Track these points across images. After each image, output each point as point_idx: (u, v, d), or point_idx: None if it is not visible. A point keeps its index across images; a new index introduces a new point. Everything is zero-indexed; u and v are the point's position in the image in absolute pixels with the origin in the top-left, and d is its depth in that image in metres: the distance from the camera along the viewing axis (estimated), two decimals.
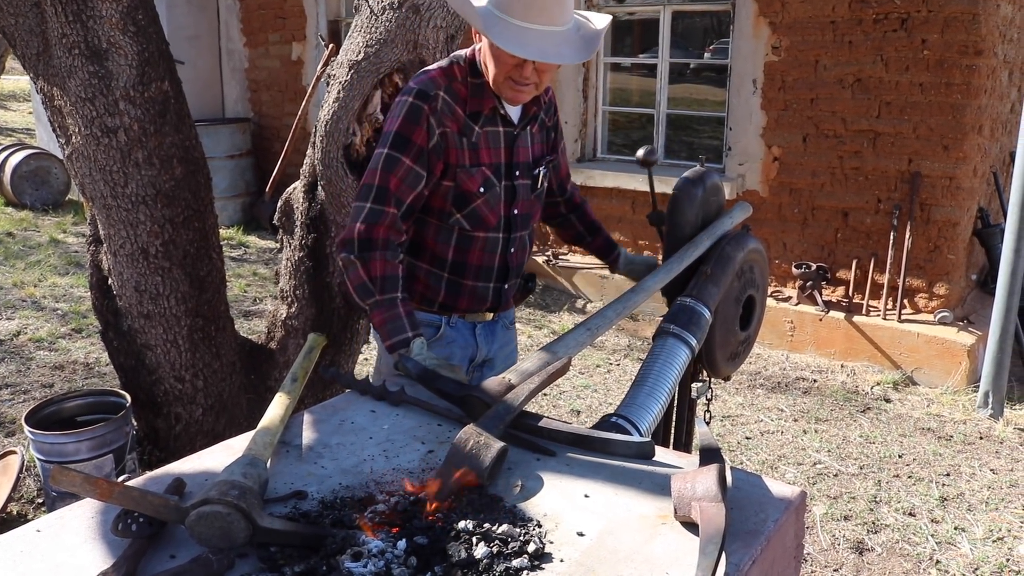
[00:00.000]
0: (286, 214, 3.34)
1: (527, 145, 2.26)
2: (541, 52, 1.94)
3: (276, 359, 3.45)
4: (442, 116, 2.08)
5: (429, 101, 2.06)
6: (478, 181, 2.16)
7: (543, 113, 2.32)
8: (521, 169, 2.25)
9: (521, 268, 2.38)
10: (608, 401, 4.84)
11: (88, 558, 1.27)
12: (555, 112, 2.40)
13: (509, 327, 2.48)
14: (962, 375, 5.03)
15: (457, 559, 1.23)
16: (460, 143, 2.12)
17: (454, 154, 2.12)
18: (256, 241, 8.29)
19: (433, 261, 2.24)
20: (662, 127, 6.49)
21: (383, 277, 2.02)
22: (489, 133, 2.17)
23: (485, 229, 2.22)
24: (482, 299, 2.30)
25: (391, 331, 2.00)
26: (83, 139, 2.91)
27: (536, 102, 2.25)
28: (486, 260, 2.26)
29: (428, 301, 2.27)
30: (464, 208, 2.18)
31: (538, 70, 2.02)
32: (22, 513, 3.46)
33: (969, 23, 4.92)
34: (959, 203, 5.20)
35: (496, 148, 2.18)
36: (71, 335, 5.48)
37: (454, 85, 2.11)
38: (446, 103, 2.08)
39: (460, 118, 2.11)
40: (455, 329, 2.29)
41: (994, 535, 3.53)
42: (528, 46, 1.92)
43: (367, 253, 2.03)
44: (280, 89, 8.95)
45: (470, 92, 2.12)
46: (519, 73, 2.02)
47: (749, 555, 1.27)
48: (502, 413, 1.58)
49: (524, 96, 2.10)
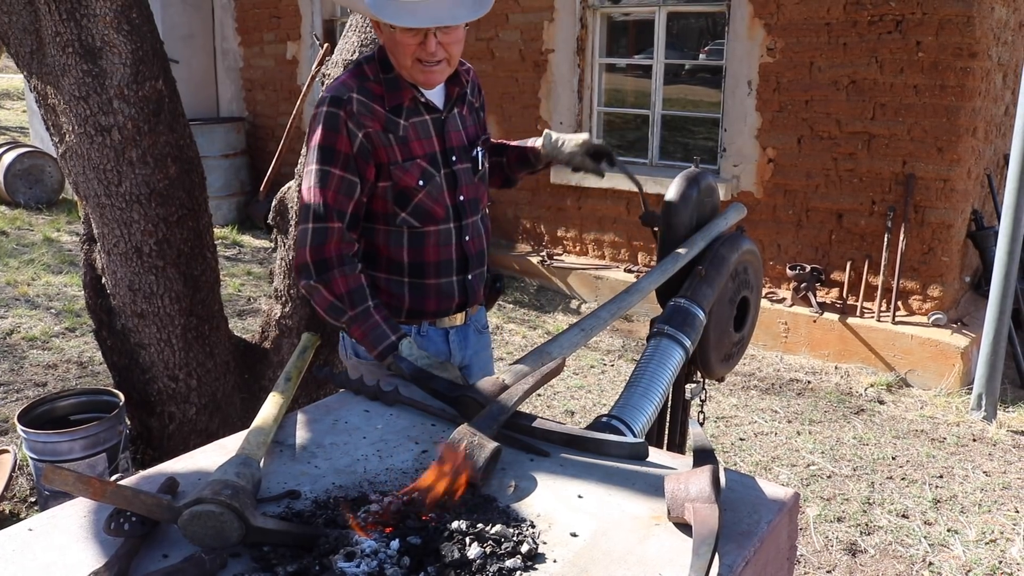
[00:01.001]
0: (280, 213, 3.33)
1: (459, 128, 2.21)
2: (434, 18, 1.91)
3: (270, 358, 3.45)
4: (360, 118, 2.03)
5: (343, 106, 2.02)
6: (415, 175, 2.10)
7: (469, 94, 2.26)
8: (458, 153, 2.19)
9: (483, 256, 2.31)
10: (602, 402, 4.84)
11: (80, 557, 1.27)
12: (480, 92, 2.34)
13: (482, 331, 2.42)
14: (955, 377, 5.04)
15: (450, 559, 1.23)
16: (387, 140, 2.07)
17: (383, 152, 2.07)
18: (250, 240, 8.28)
19: (390, 268, 2.18)
20: (657, 128, 6.50)
21: (349, 292, 2.00)
22: (416, 124, 2.11)
23: (434, 222, 2.16)
24: (448, 296, 2.23)
25: (375, 340, 1.98)
26: (77, 137, 2.90)
27: (457, 82, 2.19)
28: (443, 254, 2.19)
29: (395, 311, 2.18)
30: (407, 205, 2.12)
31: (442, 43, 1.99)
32: (15, 512, 3.44)
33: (963, 25, 4.93)
34: (953, 205, 5.22)
35: (427, 137, 2.13)
36: (65, 334, 5.46)
37: (367, 84, 2.07)
38: (361, 103, 2.04)
39: (381, 115, 2.06)
40: (427, 338, 2.23)
41: (987, 537, 3.54)
42: (422, 16, 1.90)
43: (325, 274, 2.00)
44: (275, 88, 8.94)
45: (385, 87, 2.08)
46: (424, 51, 1.98)
47: (742, 556, 1.27)
48: (496, 413, 1.58)
49: (438, 75, 2.06)
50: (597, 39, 6.63)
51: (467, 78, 2.26)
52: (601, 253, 6.80)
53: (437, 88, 2.15)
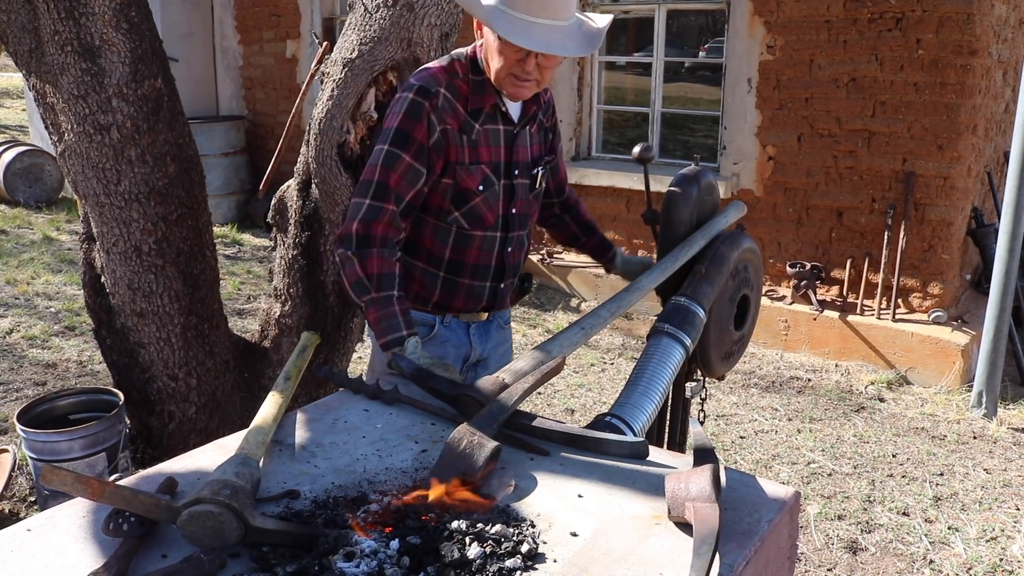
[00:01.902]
0: (280, 212, 3.33)
1: (526, 144, 2.26)
2: (546, 44, 1.95)
3: (270, 357, 3.44)
4: (443, 113, 2.07)
5: (430, 98, 2.06)
6: (477, 179, 2.15)
7: (541, 113, 2.32)
8: (520, 168, 2.24)
9: (518, 268, 2.38)
10: (602, 400, 4.84)
11: (79, 557, 1.27)
12: (553, 113, 2.40)
13: (504, 327, 2.47)
14: (956, 375, 5.04)
15: (450, 559, 1.22)
16: (460, 140, 2.11)
17: (454, 151, 2.11)
18: (250, 239, 8.27)
19: (429, 260, 2.24)
20: (657, 126, 6.49)
21: (380, 274, 2.01)
22: (489, 131, 2.16)
23: (483, 228, 2.21)
24: (478, 298, 2.29)
25: (386, 329, 1.99)
26: (76, 136, 2.89)
27: (536, 101, 2.25)
28: (483, 259, 2.25)
29: (423, 300, 2.26)
30: (463, 206, 2.17)
31: (540, 65, 2.03)
32: (14, 511, 3.44)
33: (964, 23, 4.93)
34: (953, 203, 5.21)
35: (496, 146, 2.18)
36: (64, 333, 5.46)
37: (455, 82, 2.11)
38: (447, 100, 2.08)
39: (461, 115, 2.11)
40: (449, 328, 2.28)
41: (987, 535, 3.54)
42: (533, 38, 1.93)
43: (364, 250, 2.02)
44: (274, 87, 8.93)
45: (471, 89, 2.12)
46: (522, 68, 2.02)
47: (743, 555, 1.26)
48: (496, 412, 1.58)
49: (526, 92, 2.10)
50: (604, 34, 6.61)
51: (544, 99, 2.32)
52: None
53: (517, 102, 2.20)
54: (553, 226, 2.65)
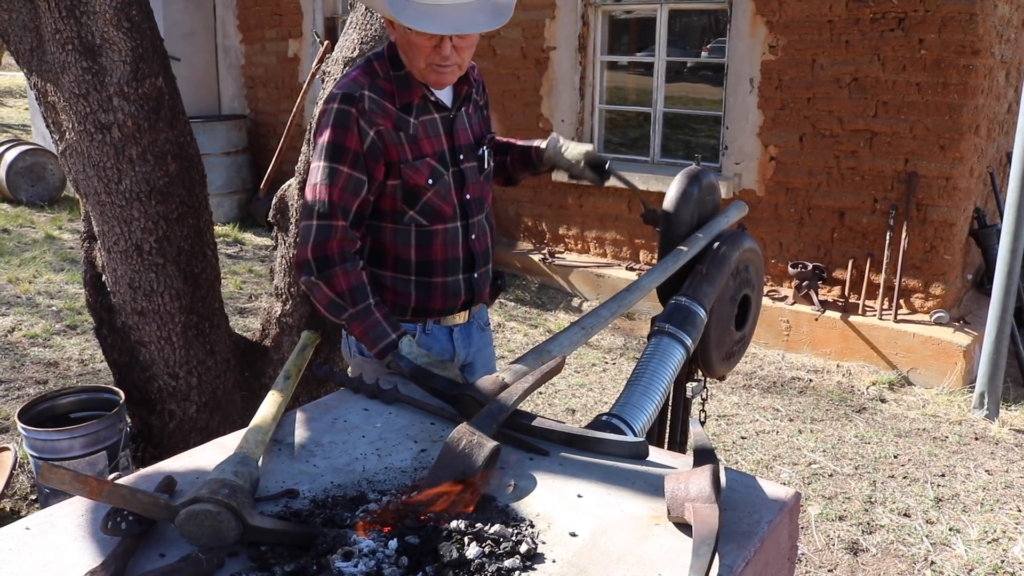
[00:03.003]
0: (281, 211, 3.33)
1: (466, 127, 2.22)
2: (455, 25, 1.91)
3: (270, 356, 3.44)
4: (372, 115, 2.02)
5: (355, 103, 2.02)
6: (425, 173, 2.10)
7: (475, 92, 2.26)
8: (465, 152, 2.20)
9: (488, 254, 2.32)
10: (603, 400, 4.84)
11: (77, 556, 1.27)
12: (484, 90, 2.35)
13: (484, 328, 2.42)
14: (958, 376, 5.03)
15: (448, 559, 1.22)
16: (398, 138, 2.06)
17: (394, 151, 2.06)
18: (252, 238, 8.28)
19: (397, 266, 2.18)
20: (659, 126, 6.49)
21: (350, 289, 1.99)
22: (426, 122, 2.12)
23: (442, 221, 2.16)
24: (455, 294, 2.23)
25: (375, 338, 1.98)
26: (76, 135, 2.89)
27: (466, 81, 2.19)
28: (450, 252, 2.19)
29: (400, 309, 2.19)
30: (415, 204, 2.12)
31: (457, 47, 1.99)
32: (15, 509, 3.44)
33: (966, 23, 4.92)
34: (955, 203, 5.20)
35: (436, 136, 2.13)
36: (65, 332, 5.46)
37: (377, 82, 2.06)
38: (373, 101, 2.03)
39: (392, 113, 2.06)
40: (431, 336, 2.23)
41: (989, 536, 3.53)
42: (441, 21, 1.89)
43: (327, 271, 2.00)
44: (276, 86, 8.93)
45: (396, 85, 2.07)
46: (439, 54, 1.98)
47: (743, 556, 1.26)
48: (495, 412, 1.57)
49: (449, 77, 2.06)
50: (599, 37, 6.62)
51: (473, 76, 2.26)
52: (603, 251, 6.79)
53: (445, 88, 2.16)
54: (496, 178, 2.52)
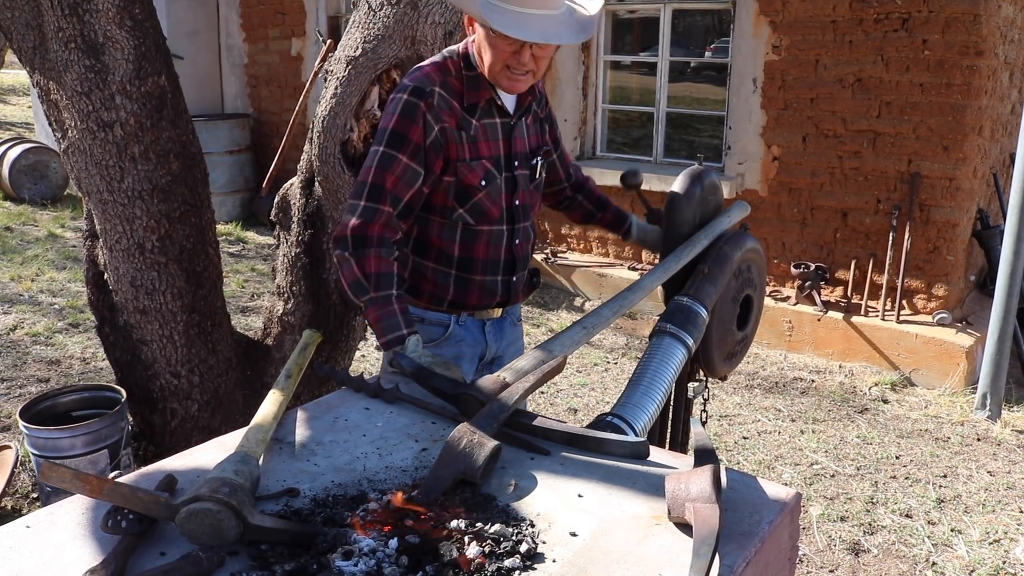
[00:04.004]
0: (283, 210, 3.33)
1: (524, 135, 2.26)
2: (541, 34, 1.95)
3: (272, 355, 3.44)
4: (439, 111, 2.07)
5: (425, 97, 2.06)
6: (479, 174, 2.15)
7: (536, 104, 2.32)
8: (520, 159, 2.25)
9: (528, 259, 2.38)
10: (605, 400, 4.83)
11: (77, 555, 1.26)
12: (546, 103, 2.40)
13: (517, 324, 2.48)
14: (960, 376, 5.02)
15: (449, 558, 1.22)
16: (459, 137, 2.11)
17: (454, 149, 2.11)
18: (255, 237, 8.28)
19: (439, 259, 2.24)
20: (662, 125, 6.48)
21: (378, 274, 2.01)
22: (487, 125, 2.16)
23: (489, 222, 2.22)
24: (492, 293, 2.29)
25: (386, 328, 1.99)
26: (79, 133, 2.90)
27: (531, 92, 2.25)
28: (492, 253, 2.25)
29: (437, 300, 2.26)
30: (466, 203, 2.17)
31: (535, 56, 2.03)
32: (16, 508, 3.45)
33: (970, 24, 4.91)
34: (958, 204, 5.19)
35: (495, 140, 2.18)
36: (67, 330, 5.47)
37: (449, 80, 2.11)
38: (442, 98, 2.08)
39: (457, 112, 2.11)
40: (464, 328, 2.29)
41: (991, 537, 3.52)
42: (527, 29, 1.94)
43: (361, 250, 2.02)
44: (279, 85, 8.93)
45: (466, 85, 2.12)
46: (516, 60, 2.02)
47: (743, 557, 1.26)
48: (496, 412, 1.57)
49: (522, 84, 2.10)
50: (602, 36, 6.61)
51: (538, 89, 2.32)
52: (605, 251, 6.78)
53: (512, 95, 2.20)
54: (567, 208, 2.67)
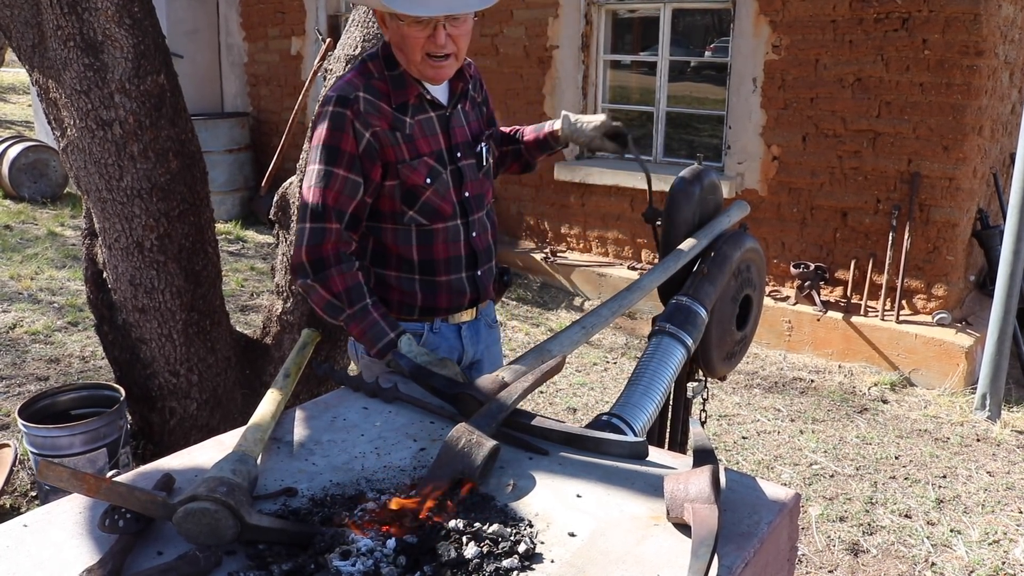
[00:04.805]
0: (282, 209, 3.33)
1: (463, 124, 2.20)
2: (446, 6, 1.91)
3: (271, 354, 3.44)
4: (368, 117, 2.02)
5: (350, 105, 2.01)
6: (423, 173, 2.10)
7: (472, 89, 2.26)
8: (462, 149, 2.19)
9: (491, 251, 2.32)
10: (605, 399, 4.83)
11: (75, 554, 1.26)
12: (482, 87, 2.34)
13: (492, 326, 2.43)
14: (960, 377, 5.02)
15: (447, 559, 1.21)
16: (395, 139, 2.06)
17: (391, 151, 2.06)
18: (254, 236, 8.28)
19: (400, 266, 2.18)
20: (662, 125, 6.48)
21: (347, 290, 1.99)
22: (422, 121, 2.10)
23: (442, 219, 2.16)
24: (460, 292, 2.23)
25: (373, 338, 1.98)
26: (78, 132, 2.89)
27: (461, 78, 2.19)
28: (452, 251, 2.19)
29: (408, 309, 2.20)
30: (415, 204, 2.12)
31: (451, 36, 1.98)
32: (15, 506, 3.44)
33: (970, 23, 4.91)
34: (958, 204, 5.19)
35: (433, 135, 2.12)
36: (67, 328, 5.47)
37: (373, 82, 2.06)
38: (369, 102, 2.03)
39: (388, 114, 2.05)
40: (439, 335, 2.23)
41: (990, 538, 3.52)
42: (431, 5, 1.89)
43: (322, 272, 2.00)
44: (279, 84, 8.93)
45: (391, 85, 2.06)
46: (434, 44, 1.97)
47: (742, 557, 1.25)
48: (495, 411, 1.57)
49: (447, 70, 2.06)
50: (602, 36, 6.61)
51: (469, 73, 2.25)
52: (605, 250, 6.78)
53: (441, 84, 2.15)
54: (502, 168, 2.56)
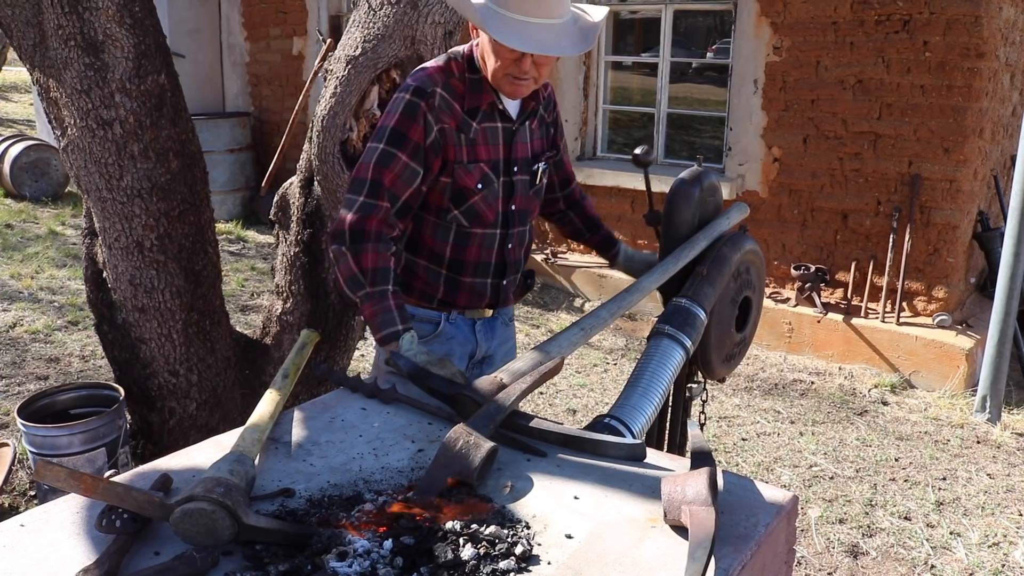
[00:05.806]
0: (282, 209, 3.33)
1: (526, 141, 2.25)
2: (540, 44, 1.94)
3: (271, 354, 3.44)
4: (440, 112, 2.07)
5: (427, 98, 2.06)
6: (476, 177, 2.15)
7: (542, 108, 2.31)
8: (519, 165, 2.24)
9: (520, 264, 2.37)
10: (604, 401, 4.83)
11: (71, 554, 1.26)
12: (555, 108, 2.39)
13: (508, 323, 2.48)
14: (960, 379, 5.02)
15: (444, 560, 1.21)
16: (458, 139, 2.11)
17: (452, 150, 2.11)
18: (255, 236, 8.28)
19: (431, 258, 2.23)
20: (663, 126, 6.48)
21: (374, 269, 2.00)
22: (487, 129, 2.16)
23: (483, 225, 2.21)
24: (480, 295, 2.29)
25: (381, 324, 1.99)
26: (78, 131, 2.89)
27: (535, 97, 2.24)
28: (483, 256, 2.25)
29: (427, 297, 2.26)
30: (462, 205, 2.17)
31: (536, 63, 2.03)
32: (14, 505, 3.44)
33: (971, 25, 4.90)
34: (959, 206, 5.19)
35: (494, 144, 2.17)
36: (67, 327, 5.47)
37: (451, 81, 2.11)
38: (444, 99, 2.08)
39: (458, 114, 2.10)
40: (455, 326, 2.29)
41: (990, 540, 3.52)
42: (527, 39, 1.93)
43: (358, 245, 2.01)
44: (281, 84, 8.93)
45: (468, 88, 2.12)
46: (518, 67, 2.02)
47: (739, 560, 1.25)
48: (493, 413, 1.57)
49: (523, 90, 2.10)
50: (603, 37, 6.61)
51: (544, 94, 2.31)
52: None
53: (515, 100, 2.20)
54: (558, 221, 2.65)
